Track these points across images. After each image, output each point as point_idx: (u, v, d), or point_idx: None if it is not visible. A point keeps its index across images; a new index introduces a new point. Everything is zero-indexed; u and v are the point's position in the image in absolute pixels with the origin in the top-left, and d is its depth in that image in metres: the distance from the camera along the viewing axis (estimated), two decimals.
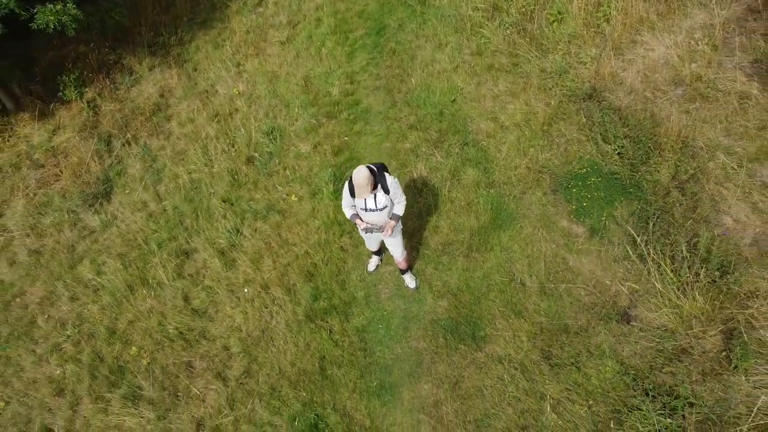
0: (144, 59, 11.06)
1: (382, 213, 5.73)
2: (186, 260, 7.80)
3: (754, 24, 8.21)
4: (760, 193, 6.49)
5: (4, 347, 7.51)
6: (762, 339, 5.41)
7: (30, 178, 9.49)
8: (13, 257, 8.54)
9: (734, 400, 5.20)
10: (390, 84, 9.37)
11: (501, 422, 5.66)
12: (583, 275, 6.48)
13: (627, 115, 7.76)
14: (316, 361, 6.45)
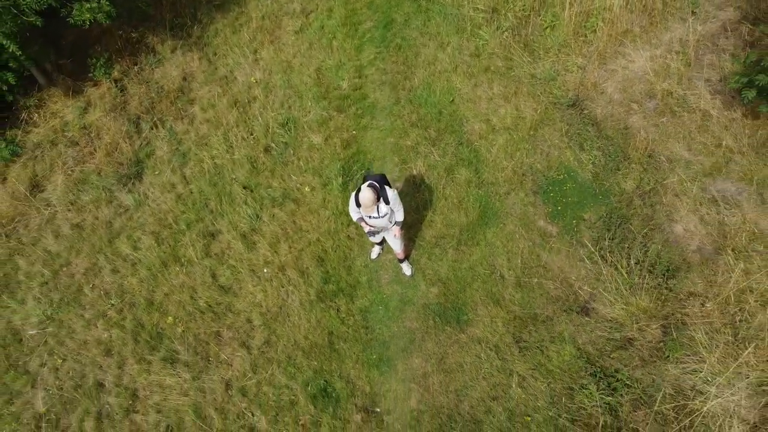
0: (166, 40, 11.87)
1: (384, 218, 6.85)
2: (212, 241, 8.96)
3: (726, 42, 9.10)
4: (707, 207, 7.61)
5: (57, 311, 8.75)
6: (691, 334, 6.65)
7: (67, 156, 10.51)
8: (58, 230, 9.68)
9: (663, 383, 6.48)
10: (395, 80, 10.29)
11: (476, 393, 6.97)
12: (553, 271, 7.67)
13: (604, 125, 8.77)
14: (325, 336, 7.72)
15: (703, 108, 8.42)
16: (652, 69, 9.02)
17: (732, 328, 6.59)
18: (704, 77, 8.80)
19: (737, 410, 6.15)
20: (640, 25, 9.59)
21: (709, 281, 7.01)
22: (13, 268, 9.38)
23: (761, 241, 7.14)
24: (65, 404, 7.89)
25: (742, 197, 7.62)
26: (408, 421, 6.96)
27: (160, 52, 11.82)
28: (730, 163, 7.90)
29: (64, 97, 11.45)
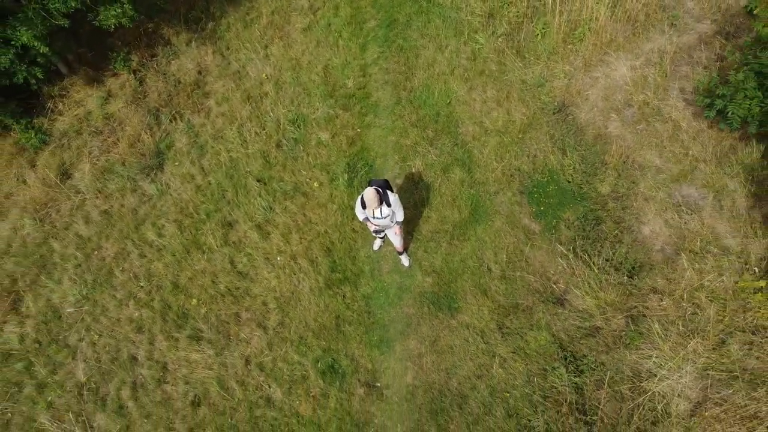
0: (181, 33, 12.60)
1: (386, 219, 7.85)
2: (230, 230, 9.96)
3: (700, 55, 9.96)
4: (672, 211, 8.63)
5: (91, 291, 9.81)
6: (649, 325, 7.76)
7: (92, 145, 11.40)
8: (87, 216, 10.66)
9: (623, 367, 7.62)
10: (396, 80, 11.14)
11: (464, 371, 8.10)
12: (534, 266, 8.73)
13: (586, 131, 9.70)
14: (332, 319, 8.81)
15: (674, 118, 9.34)
16: (632, 79, 9.90)
17: (684, 320, 7.69)
18: (678, 88, 9.69)
19: (683, 390, 7.30)
20: (624, 35, 10.41)
21: (668, 279, 8.08)
22: (49, 251, 10.38)
23: (715, 244, 8.19)
24: (103, 375, 9.02)
25: (703, 203, 8.63)
26: (404, 395, 8.11)
27: (175, 44, 12.57)
28: (695, 171, 8.88)
29: (86, 87, 12.25)
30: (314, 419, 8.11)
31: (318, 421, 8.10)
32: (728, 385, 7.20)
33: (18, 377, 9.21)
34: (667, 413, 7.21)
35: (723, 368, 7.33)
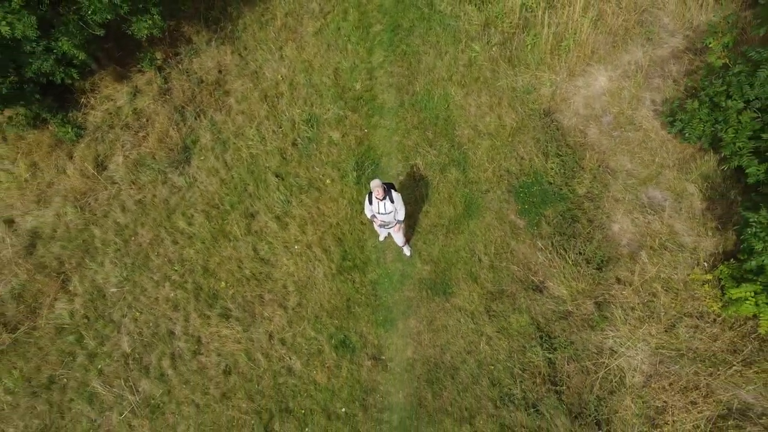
0: (201, 31, 13.69)
1: (390, 215, 9.20)
2: (252, 220, 11.31)
3: (672, 68, 11.19)
4: (638, 211, 10.01)
5: (131, 273, 11.21)
6: (612, 311, 9.22)
7: (124, 139, 12.62)
8: (123, 204, 11.97)
9: (590, 345, 9.11)
10: (400, 83, 12.33)
11: (455, 347, 9.59)
12: (518, 257, 10.14)
13: (568, 136, 10.99)
14: (344, 301, 10.26)
15: (645, 128, 10.64)
16: (609, 89, 11.15)
17: (641, 307, 9.16)
18: (650, 99, 10.96)
19: (637, 365, 8.82)
20: (605, 47, 11.60)
21: (630, 271, 9.52)
22: (90, 236, 11.74)
23: (673, 241, 9.60)
24: (145, 346, 10.49)
25: (665, 204, 10.01)
26: (405, 366, 9.62)
27: (196, 42, 13.66)
28: (660, 176, 10.23)
29: (115, 82, 13.40)
30: (329, 386, 9.62)
31: (332, 387, 9.62)
32: (675, 362, 8.72)
33: (71, 348, 10.67)
34: (623, 384, 8.75)
35: (672, 348, 8.85)
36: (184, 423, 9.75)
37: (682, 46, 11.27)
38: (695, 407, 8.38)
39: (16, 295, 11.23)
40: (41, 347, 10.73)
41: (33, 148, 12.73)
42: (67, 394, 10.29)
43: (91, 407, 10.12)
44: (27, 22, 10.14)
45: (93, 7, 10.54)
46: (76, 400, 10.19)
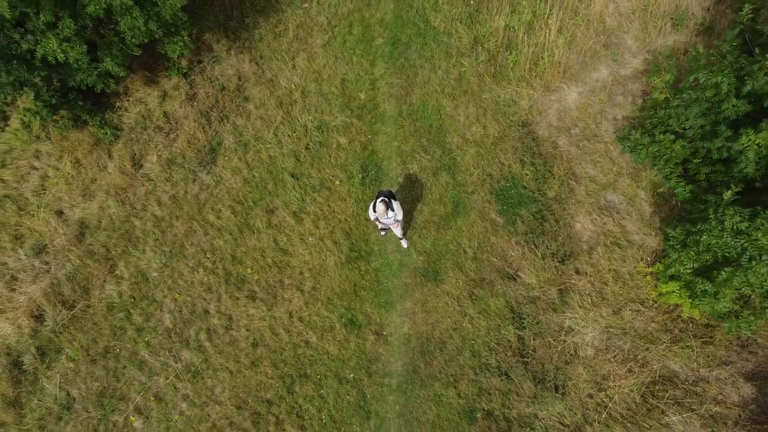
0: (221, 40, 15.35)
1: (390, 219, 11.19)
2: (272, 215, 13.27)
3: (632, 87, 13.05)
4: (597, 213, 12.03)
5: (170, 260, 13.21)
6: (572, 297, 11.34)
7: (157, 140, 14.43)
8: (159, 199, 13.88)
9: (552, 324, 11.26)
10: (399, 94, 14.15)
11: (443, 325, 11.73)
12: (497, 250, 12.20)
13: (542, 145, 12.91)
14: (351, 286, 12.33)
15: (606, 140, 12.57)
16: (579, 104, 13.03)
17: (595, 294, 11.28)
18: (612, 114, 12.86)
19: (590, 341, 10.98)
20: (576, 67, 13.42)
21: (588, 263, 11.61)
22: (131, 227, 13.68)
23: (624, 239, 11.67)
24: (185, 322, 12.58)
25: (620, 207, 12.04)
26: (402, 340, 11.77)
27: (216, 50, 15.34)
28: (617, 182, 12.23)
29: (144, 86, 15.11)
30: (339, 356, 11.79)
31: (342, 357, 11.78)
32: (620, 339, 10.90)
33: (121, 323, 12.74)
34: (577, 356, 10.94)
35: (618, 327, 11.01)
36: (220, 386, 11.92)
37: (642, 67, 13.09)
38: (632, 374, 10.59)
39: (71, 277, 13.22)
40: (96, 322, 12.80)
41: (75, 146, 14.52)
42: (120, 362, 12.41)
43: (141, 372, 12.26)
44: (78, 50, 11.87)
45: (132, 32, 12.24)
46: (128, 367, 12.32)
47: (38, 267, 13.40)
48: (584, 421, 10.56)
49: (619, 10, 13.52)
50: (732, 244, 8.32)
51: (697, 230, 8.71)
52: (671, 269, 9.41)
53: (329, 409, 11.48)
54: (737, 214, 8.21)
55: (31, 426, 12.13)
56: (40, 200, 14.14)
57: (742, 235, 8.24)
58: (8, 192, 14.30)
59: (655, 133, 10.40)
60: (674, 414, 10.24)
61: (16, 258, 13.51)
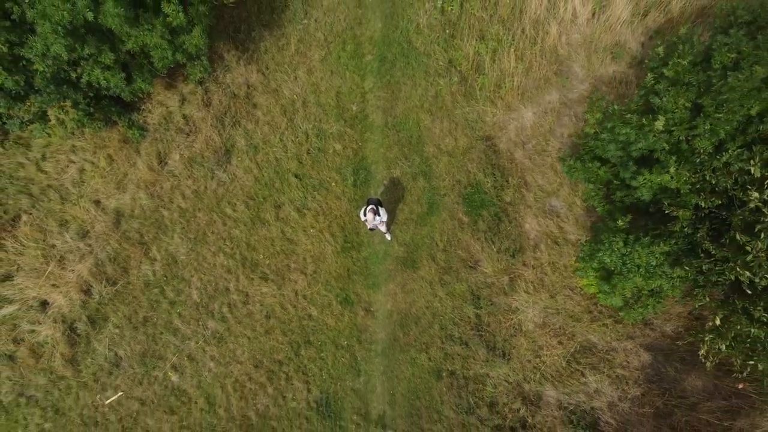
0: (231, 50, 17.11)
1: (377, 221, 13.57)
2: (279, 210, 15.52)
3: (578, 109, 15.35)
4: (542, 216, 14.56)
5: (195, 246, 15.46)
6: (519, 283, 14.00)
7: (178, 140, 16.39)
8: (183, 193, 15.98)
9: (503, 305, 13.96)
10: (385, 107, 16.24)
11: (419, 304, 14.35)
12: (462, 244, 14.72)
13: (502, 157, 15.26)
14: (345, 271, 14.80)
15: (552, 155, 14.96)
16: (533, 123, 15.33)
17: (537, 281, 13.95)
18: (559, 133, 15.20)
19: (531, 318, 13.72)
20: (532, 90, 15.62)
21: (533, 257, 14.23)
22: (160, 217, 15.83)
23: (562, 238, 14.26)
24: (210, 297, 14.99)
25: (560, 211, 14.57)
26: (386, 315, 14.40)
27: (227, 59, 17.11)
28: (559, 191, 14.70)
29: (164, 90, 16.91)
30: (336, 327, 14.39)
31: (338, 328, 14.39)
32: (554, 317, 13.64)
33: (156, 297, 15.10)
34: (521, 330, 13.68)
35: (553, 308, 13.72)
36: (240, 349, 14.48)
37: (586, 92, 15.34)
38: (561, 345, 13.40)
39: (112, 258, 15.44)
40: (135, 296, 15.13)
41: (107, 143, 16.42)
42: (158, 329, 14.85)
43: (176, 338, 14.74)
44: (118, 77, 13.69)
45: (162, 62, 14.05)
46: (164, 333, 14.78)
47: (83, 248, 15.54)
48: (523, 379, 13.42)
49: (570, 41, 15.64)
50: (617, 261, 10.95)
51: (597, 248, 11.31)
52: (581, 272, 12.06)
53: (328, 368, 14.15)
54: (621, 240, 10.80)
55: (87, 379, 14.61)
56: (79, 190, 16.13)
57: (625, 255, 10.87)
58: (51, 182, 16.23)
59: (585, 159, 12.78)
60: (591, 375, 13.12)
61: (64, 241, 15.61)
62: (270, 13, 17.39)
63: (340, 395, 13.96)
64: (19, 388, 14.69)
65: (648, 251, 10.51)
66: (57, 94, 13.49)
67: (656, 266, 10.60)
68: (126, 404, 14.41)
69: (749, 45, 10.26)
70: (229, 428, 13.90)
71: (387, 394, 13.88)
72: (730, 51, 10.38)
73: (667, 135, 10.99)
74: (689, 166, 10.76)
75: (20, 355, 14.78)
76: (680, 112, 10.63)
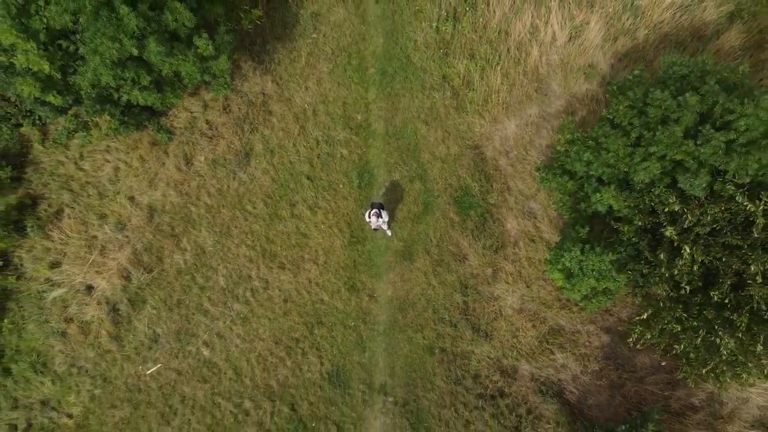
0: (247, 61, 18.41)
1: (380, 222, 15.32)
2: (294, 208, 17.18)
3: (555, 122, 17.01)
4: (521, 217, 16.39)
5: (219, 239, 17.11)
6: (501, 274, 15.93)
7: (202, 143, 17.84)
8: (209, 191, 17.53)
9: (486, 293, 15.92)
10: (386, 116, 17.77)
11: (415, 291, 16.25)
12: (453, 240, 16.55)
13: (489, 163, 16.98)
14: (352, 262, 16.61)
15: (531, 163, 16.69)
16: (515, 134, 17.00)
17: (515, 273, 15.88)
18: (538, 143, 16.91)
19: (511, 305, 15.70)
20: (515, 104, 17.24)
21: (513, 252, 16.12)
22: (189, 212, 17.41)
23: (539, 237, 16.14)
24: (234, 283, 16.75)
25: (537, 213, 16.41)
26: (387, 300, 16.30)
27: (244, 70, 18.42)
28: (537, 195, 16.50)
29: (189, 96, 18.25)
30: (344, 310, 16.28)
31: (346, 310, 16.28)
32: (529, 304, 15.64)
33: (188, 283, 16.83)
34: (501, 314, 15.67)
35: (529, 296, 15.72)
36: (262, 328, 16.35)
37: (563, 108, 17.00)
38: (535, 327, 15.43)
39: (147, 248, 17.08)
40: (169, 282, 16.85)
41: (138, 145, 17.84)
42: (190, 310, 16.63)
43: (206, 318, 16.54)
44: (154, 96, 15.08)
45: (191, 81, 15.43)
46: (196, 314, 16.57)
47: (121, 239, 17.15)
48: (502, 356, 15.48)
49: (549, 62, 17.20)
50: (575, 266, 12.88)
51: (561, 254, 13.20)
52: (548, 272, 14.02)
53: (338, 345, 16.10)
54: (578, 249, 12.69)
55: (129, 352, 16.43)
56: (115, 187, 17.63)
57: (582, 261, 12.79)
58: (89, 179, 17.70)
59: (556, 173, 14.54)
60: (559, 353, 15.20)
61: (104, 233, 17.20)
62: (283, 28, 18.63)
63: (349, 368, 15.93)
64: (70, 360, 16.46)
65: (599, 259, 12.45)
66: (100, 109, 14.86)
67: (606, 271, 12.53)
68: (164, 374, 16.27)
69: (673, 103, 11.61)
70: (254, 395, 15.86)
71: (388, 367, 15.88)
72: (660, 108, 11.82)
73: (612, 169, 12.71)
74: (630, 193, 12.55)
75: (71, 332, 16.51)
76: (622, 150, 12.28)
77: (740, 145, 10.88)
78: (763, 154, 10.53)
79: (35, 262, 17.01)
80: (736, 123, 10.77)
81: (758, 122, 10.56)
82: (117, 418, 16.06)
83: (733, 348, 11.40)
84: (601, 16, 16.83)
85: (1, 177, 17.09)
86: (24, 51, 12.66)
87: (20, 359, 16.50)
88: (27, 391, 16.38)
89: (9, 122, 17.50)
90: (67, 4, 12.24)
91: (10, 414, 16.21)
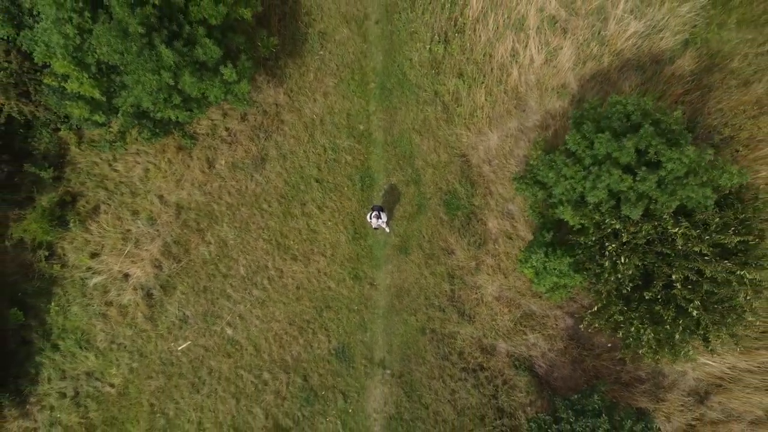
0: (261, 74, 19.88)
1: (380, 222, 17.18)
2: (304, 207, 18.93)
3: (532, 135, 18.85)
4: (501, 217, 18.37)
5: (239, 234, 18.83)
6: (484, 268, 17.95)
7: (222, 148, 19.40)
8: (229, 192, 19.17)
9: (470, 283, 17.95)
10: (385, 127, 19.46)
11: (410, 280, 18.24)
12: (443, 237, 18.48)
13: (474, 170, 18.82)
14: (355, 255, 18.50)
15: (511, 170, 18.57)
16: (497, 144, 18.84)
17: (494, 264, 17.91)
18: (517, 153, 18.77)
19: (490, 293, 17.78)
20: (497, 117, 19.02)
21: (493, 248, 18.12)
22: (211, 209, 19.10)
23: (515, 234, 18.13)
24: (253, 272, 18.57)
25: (515, 214, 18.37)
26: (386, 288, 18.28)
27: (258, 82, 19.89)
28: (515, 199, 18.43)
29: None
30: (349, 295, 18.24)
31: (350, 296, 18.24)
32: (507, 292, 17.72)
33: (212, 271, 18.61)
34: (483, 301, 17.75)
35: (506, 286, 17.79)
36: (278, 311, 18.28)
37: (539, 122, 18.82)
38: (510, 312, 17.55)
39: (176, 241, 18.80)
40: (196, 271, 18.63)
41: (165, 148, 19.37)
42: (215, 295, 18.47)
43: (229, 302, 18.41)
44: (185, 114, 16.57)
45: (215, 100, 16.91)
46: (220, 298, 18.42)
47: (153, 233, 18.82)
48: (483, 336, 17.60)
49: (527, 81, 18.96)
50: (540, 265, 14.95)
51: (529, 255, 15.24)
52: (520, 269, 16.08)
53: (344, 326, 18.10)
54: (542, 252, 14.75)
55: (162, 331, 18.28)
56: (146, 186, 19.21)
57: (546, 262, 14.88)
58: (122, 179, 19.26)
59: (529, 183, 16.45)
60: (530, 334, 17.36)
61: (137, 227, 18.85)
62: (293, 44, 20.09)
63: (353, 345, 17.96)
64: (111, 337, 18.27)
65: (560, 261, 14.54)
66: (137, 124, 16.37)
67: (565, 271, 14.64)
68: (194, 350, 18.17)
69: (615, 144, 13.24)
70: (271, 368, 17.86)
71: (386, 345, 17.95)
72: (604, 146, 13.62)
73: (570, 189, 14.64)
74: (585, 207, 14.53)
75: (111, 313, 18.29)
76: (577, 175, 14.17)
77: (668, 182, 13.00)
78: (683, 191, 12.79)
79: (77, 253, 18.65)
80: (665, 163, 12.83)
81: (681, 165, 12.68)
82: (153, 387, 17.96)
83: (650, 339, 13.82)
84: (573, 42, 18.56)
85: (45, 177, 18.61)
86: (78, 80, 14.08)
87: (66, 337, 18.26)
88: (73, 364, 18.17)
89: (48, 127, 18.89)
90: (116, 45, 13.64)
91: (60, 383, 18.03)
